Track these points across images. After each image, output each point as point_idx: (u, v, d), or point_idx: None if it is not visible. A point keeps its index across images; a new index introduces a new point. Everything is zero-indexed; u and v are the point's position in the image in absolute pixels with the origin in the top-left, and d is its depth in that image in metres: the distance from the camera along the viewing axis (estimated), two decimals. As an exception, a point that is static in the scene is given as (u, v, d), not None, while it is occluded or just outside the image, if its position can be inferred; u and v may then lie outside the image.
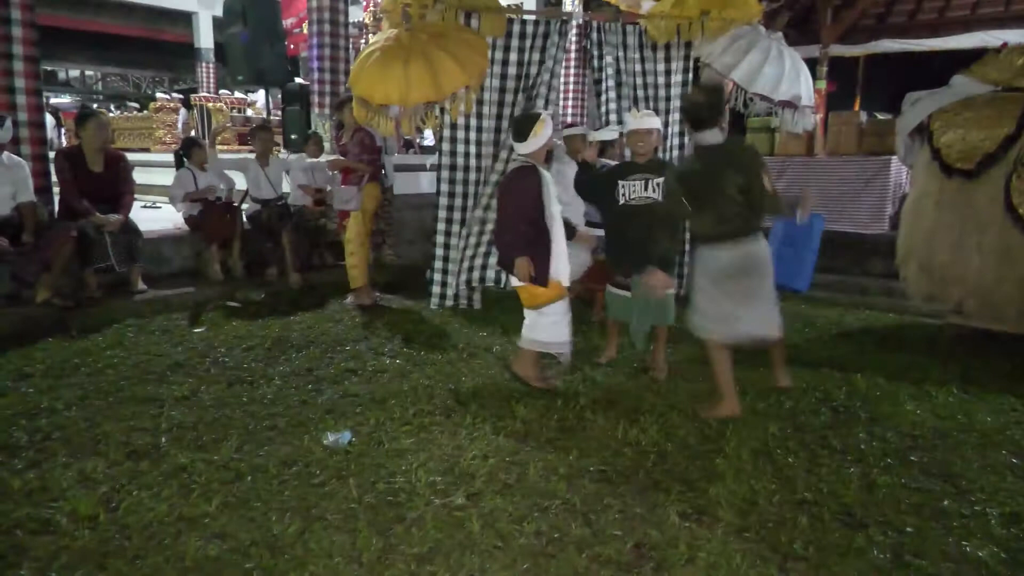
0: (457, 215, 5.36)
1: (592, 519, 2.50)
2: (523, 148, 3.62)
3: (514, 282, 3.75)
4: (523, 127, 3.62)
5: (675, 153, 5.88)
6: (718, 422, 3.33)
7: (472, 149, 5.32)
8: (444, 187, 5.33)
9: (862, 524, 2.51)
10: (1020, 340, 4.63)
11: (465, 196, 5.33)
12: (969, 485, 2.82)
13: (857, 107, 10.16)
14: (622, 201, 3.87)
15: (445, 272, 5.41)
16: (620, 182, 3.88)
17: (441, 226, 5.36)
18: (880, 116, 8.65)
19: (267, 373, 3.97)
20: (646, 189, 3.84)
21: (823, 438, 3.23)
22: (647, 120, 3.97)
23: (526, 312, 3.81)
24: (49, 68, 23.80)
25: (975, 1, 8.54)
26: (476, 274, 5.44)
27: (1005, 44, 4.96)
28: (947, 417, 3.50)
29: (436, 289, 5.41)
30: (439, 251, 5.37)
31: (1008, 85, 4.57)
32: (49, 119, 12.14)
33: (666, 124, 5.78)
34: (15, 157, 4.91)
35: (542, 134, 3.59)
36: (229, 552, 2.26)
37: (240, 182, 6.60)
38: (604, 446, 3.09)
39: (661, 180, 3.82)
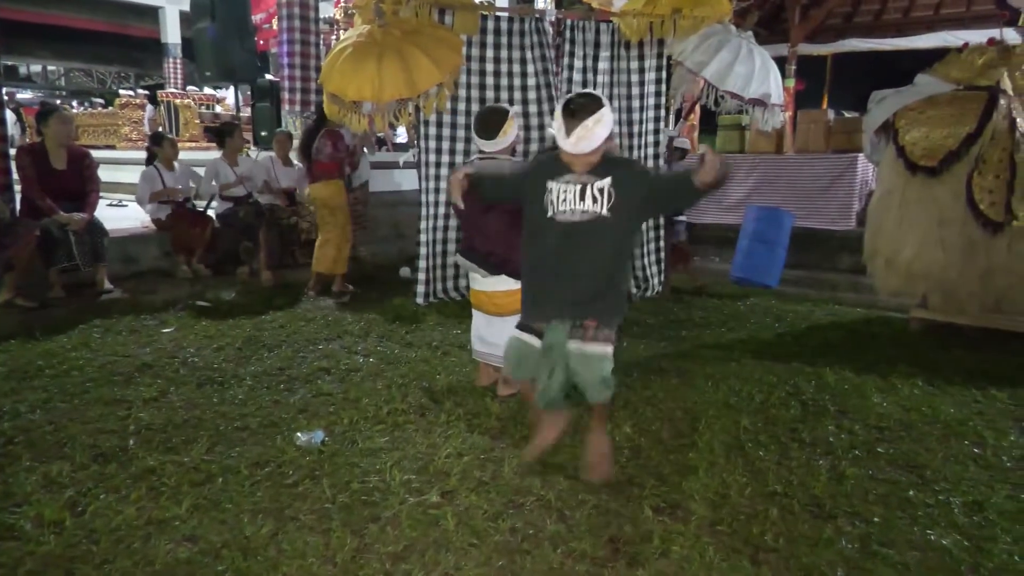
0: (440, 210, 5.37)
1: (567, 515, 2.51)
2: (490, 146, 3.37)
3: (500, 286, 3.44)
4: (492, 123, 3.35)
5: (649, 151, 5.91)
6: (691, 417, 3.37)
7: (451, 146, 5.32)
8: (425, 184, 5.32)
9: (831, 515, 2.56)
10: (982, 333, 4.76)
11: (446, 193, 5.34)
12: (933, 475, 2.88)
13: (825, 105, 10.35)
14: (549, 212, 2.73)
15: (429, 269, 5.43)
16: (549, 183, 2.74)
17: (424, 223, 5.36)
18: (847, 114, 8.82)
19: (238, 373, 3.92)
20: (582, 199, 2.67)
21: (793, 431, 3.29)
22: (586, 141, 2.56)
23: (500, 326, 3.45)
24: (9, 63, 23.18)
25: (938, 2, 8.75)
26: (449, 284, 5.50)
27: (966, 44, 5.06)
28: (912, 409, 3.58)
29: (421, 288, 5.42)
30: (423, 249, 5.37)
31: (969, 84, 4.68)
32: (10, 115, 11.81)
33: (641, 122, 5.82)
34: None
35: (511, 132, 3.38)
36: (200, 555, 2.23)
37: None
38: (578, 442, 3.09)
39: (607, 185, 2.64)
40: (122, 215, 7.23)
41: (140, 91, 15.66)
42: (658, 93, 5.83)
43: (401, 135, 11.36)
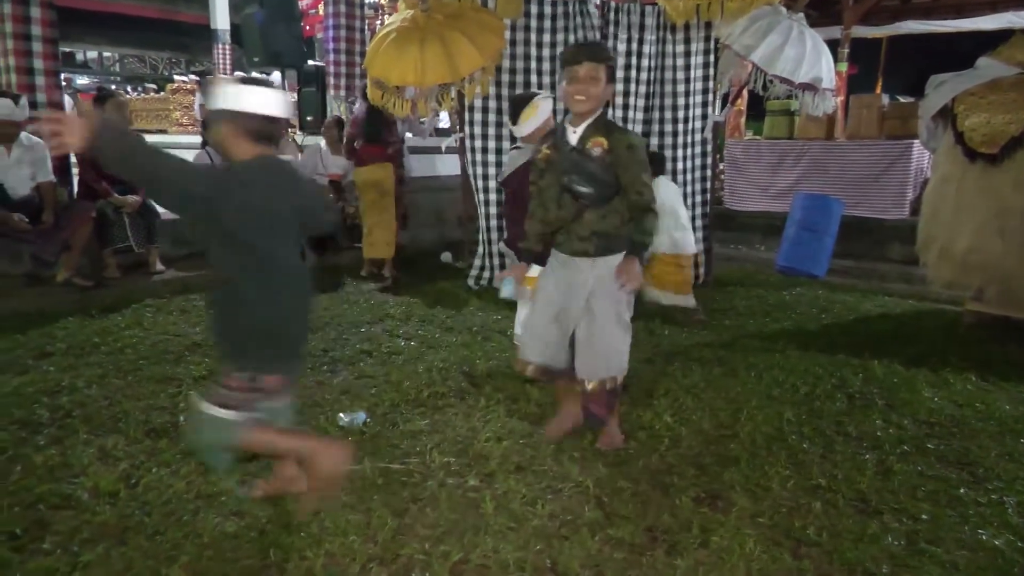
0: (485, 196, 5.40)
1: (605, 502, 2.51)
2: (518, 131, 3.43)
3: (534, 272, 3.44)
4: (515, 109, 3.40)
5: (696, 137, 5.81)
6: (732, 408, 3.32)
7: (496, 132, 5.34)
8: (478, 170, 5.35)
9: (877, 511, 2.50)
10: (1041, 328, 4.58)
11: (497, 178, 5.37)
12: (986, 473, 2.79)
13: (879, 90, 10.01)
14: None
15: (483, 256, 5.49)
16: None
17: (480, 209, 5.42)
18: (902, 99, 8.52)
19: (283, 354, 4.00)
20: None
21: (838, 424, 3.22)
22: None
23: None
24: (67, 49, 23.88)
25: (1002, -19, 8.35)
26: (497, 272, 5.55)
27: (1033, 25, 4.84)
28: (965, 405, 3.47)
29: (474, 273, 5.51)
30: (481, 235, 5.45)
31: (1035, 67, 4.47)
32: (67, 100, 12.18)
33: (687, 107, 5.72)
34: (34, 137, 4.95)
35: (533, 118, 3.32)
36: (246, 529, 2.29)
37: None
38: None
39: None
40: (173, 198, 7.42)
41: (193, 76, 15.97)
42: (705, 77, 5.73)
43: (443, 120, 11.38)
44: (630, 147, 2.60)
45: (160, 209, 5.69)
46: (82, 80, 24.10)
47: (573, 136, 2.68)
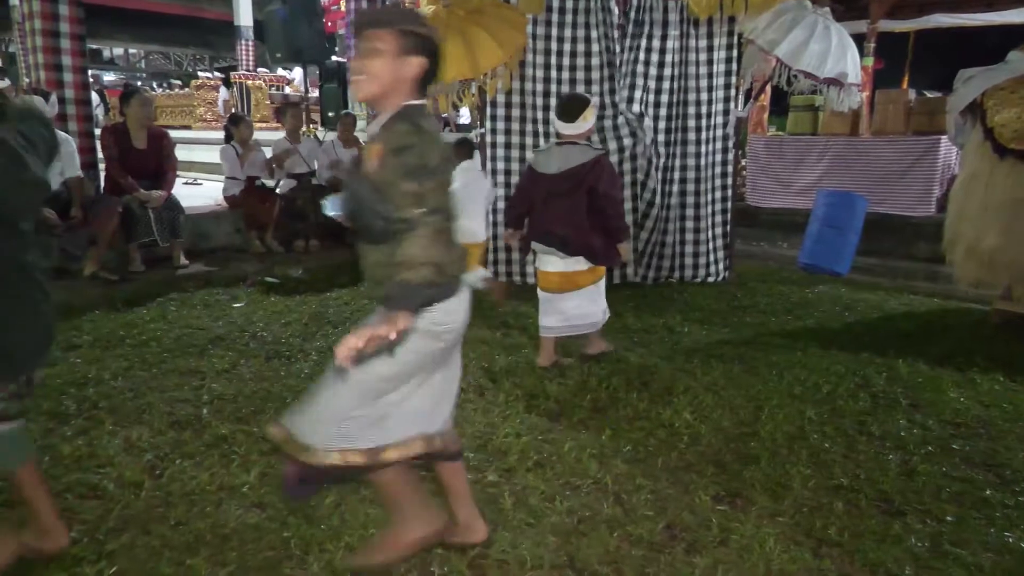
0: (505, 191, 5.40)
1: (624, 499, 2.50)
2: (569, 129, 3.60)
3: (576, 266, 3.67)
4: (574, 109, 3.59)
5: (718, 132, 5.77)
6: (753, 406, 3.29)
7: (519, 127, 5.33)
8: (499, 165, 5.36)
9: (900, 512, 2.47)
10: (1072, 328, 4.48)
11: (519, 173, 5.37)
12: (1013, 475, 2.75)
13: (905, 85, 9.85)
14: None
15: (496, 249, 5.49)
16: None
17: (499, 204, 5.43)
18: (930, 94, 8.37)
19: (304, 348, 4.04)
20: None
21: (861, 423, 3.18)
22: None
23: (583, 297, 3.75)
24: (94, 46, 24.25)
25: (1034, -27, 8.15)
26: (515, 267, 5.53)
27: (1066, 18, 4.73)
28: (992, 405, 3.41)
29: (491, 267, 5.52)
30: (499, 229, 5.46)
31: (1068, 62, 4.37)
32: (94, 96, 12.36)
33: (710, 102, 5.68)
34: (62, 133, 5.02)
35: (591, 118, 3.61)
36: (268, 521, 2.32)
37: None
38: (637, 427, 3.08)
39: None
40: (197, 193, 7.52)
41: (217, 73, 16.16)
42: (727, 73, 5.68)
43: (464, 116, 11.40)
44: (395, 150, 1.74)
45: (184, 204, 5.78)
46: (109, 76, 24.48)
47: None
